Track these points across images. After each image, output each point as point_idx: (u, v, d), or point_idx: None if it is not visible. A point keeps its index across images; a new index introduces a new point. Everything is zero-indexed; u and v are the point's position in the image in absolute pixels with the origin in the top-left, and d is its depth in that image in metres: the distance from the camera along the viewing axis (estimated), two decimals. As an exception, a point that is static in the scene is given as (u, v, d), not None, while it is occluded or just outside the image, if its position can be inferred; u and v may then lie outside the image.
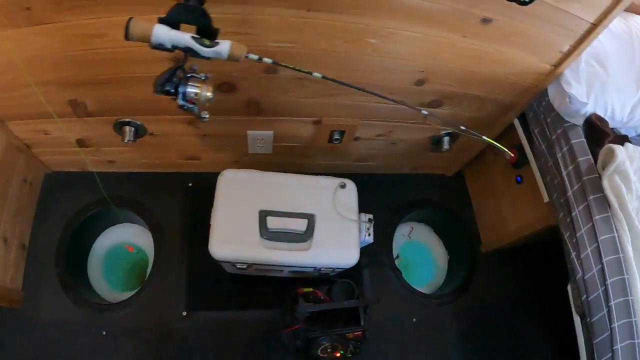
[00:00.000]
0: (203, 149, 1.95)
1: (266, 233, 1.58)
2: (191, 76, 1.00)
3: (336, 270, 1.67)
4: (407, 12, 1.27)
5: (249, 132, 1.80)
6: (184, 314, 1.91)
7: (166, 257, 2.00)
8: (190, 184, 2.13)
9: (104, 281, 2.13)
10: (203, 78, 1.01)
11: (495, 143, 1.66)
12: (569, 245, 1.45)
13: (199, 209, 1.96)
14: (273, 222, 1.59)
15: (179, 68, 1.01)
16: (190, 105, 1.01)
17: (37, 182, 2.10)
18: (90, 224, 2.08)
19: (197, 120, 1.63)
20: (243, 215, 1.59)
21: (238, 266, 1.62)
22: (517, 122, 1.86)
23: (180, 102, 1.00)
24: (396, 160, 2.16)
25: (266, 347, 1.91)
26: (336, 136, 1.81)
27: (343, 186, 1.71)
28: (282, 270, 1.71)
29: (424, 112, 1.37)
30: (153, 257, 2.02)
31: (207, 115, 1.08)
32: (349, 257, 1.63)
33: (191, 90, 0.99)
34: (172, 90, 0.99)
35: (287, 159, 2.01)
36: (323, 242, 1.60)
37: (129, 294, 2.01)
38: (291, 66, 1.10)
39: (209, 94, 1.01)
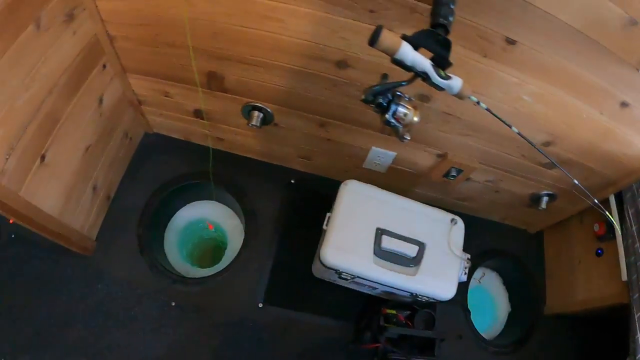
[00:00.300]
0: (319, 151, 1.96)
1: (379, 251, 1.60)
2: (401, 95, 1.04)
3: (431, 300, 1.68)
4: (561, 78, 1.34)
5: (373, 147, 1.82)
6: (260, 305, 1.92)
7: (254, 245, 2.01)
8: (292, 181, 2.14)
9: (178, 252, 2.13)
10: (408, 99, 1.05)
11: (606, 212, 1.69)
12: (637, 325, 1.49)
13: (297, 207, 1.99)
14: (387, 242, 1.61)
15: (398, 85, 1.03)
16: (397, 124, 1.05)
17: (136, 138, 2.11)
18: (181, 193, 2.08)
19: (328, 123, 1.68)
20: (360, 228, 1.62)
21: (342, 276, 1.62)
22: (612, 198, 1.89)
23: (389, 118, 1.04)
24: (492, 207, 2.19)
25: (332, 357, 1.91)
26: (453, 173, 1.84)
27: (454, 222, 1.72)
28: (376, 288, 1.72)
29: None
30: (241, 242, 2.03)
31: (409, 138, 1.09)
32: (447, 290, 1.66)
33: (402, 110, 1.03)
34: (384, 105, 1.02)
35: (394, 182, 2.03)
36: (428, 271, 1.63)
37: (201, 270, 2.00)
38: (498, 116, 1.11)
39: (415, 119, 1.05)
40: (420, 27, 0.94)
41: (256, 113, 1.76)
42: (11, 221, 1.59)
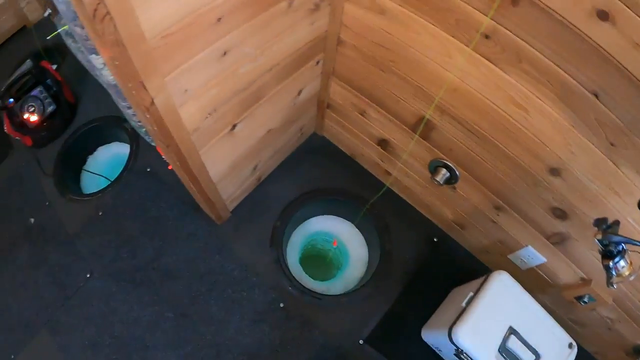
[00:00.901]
0: (477, 227, 1.85)
1: (504, 349, 1.52)
2: (626, 250, 1.07)
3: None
4: None
5: (529, 246, 1.69)
6: (361, 342, 1.84)
7: (378, 284, 1.94)
8: (435, 239, 2.04)
9: (297, 254, 2.12)
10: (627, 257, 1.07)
11: None
12: None
13: (430, 266, 1.91)
14: (513, 343, 1.52)
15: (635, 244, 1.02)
16: (612, 272, 1.07)
17: (305, 135, 2.09)
18: (326, 203, 2.08)
19: (503, 209, 1.61)
20: (496, 320, 1.55)
21: (461, 356, 1.56)
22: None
23: (611, 265, 1.07)
24: (594, 338, 2.00)
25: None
26: (585, 299, 1.68)
27: (571, 347, 1.60)
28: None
29: None
30: (361, 272, 2.02)
31: (616, 287, 1.09)
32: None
33: (623, 264, 1.06)
34: (614, 252, 1.06)
35: (525, 280, 1.87)
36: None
37: (311, 281, 1.97)
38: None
39: (628, 274, 1.07)
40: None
41: (443, 171, 1.69)
42: (170, 167, 1.63)
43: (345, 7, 1.48)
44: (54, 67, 2.46)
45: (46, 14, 2.94)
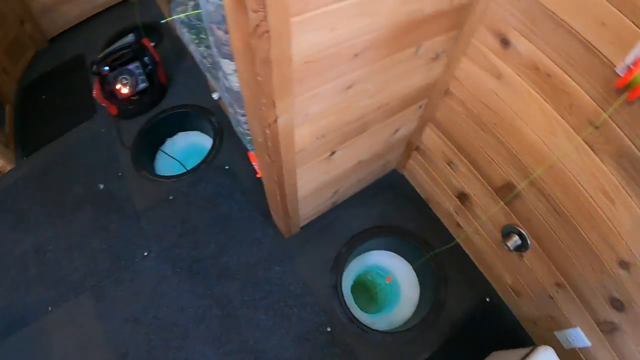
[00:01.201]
0: (532, 297, 1.83)
1: None
2: None
3: None
4: None
5: (578, 328, 1.66)
6: None
7: (424, 331, 1.93)
8: (488, 299, 2.03)
9: (350, 281, 2.13)
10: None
11: None
12: None
13: (477, 325, 1.90)
14: None
15: None
16: None
17: (386, 169, 2.14)
18: (392, 241, 2.09)
19: (563, 287, 1.60)
20: None
21: None
22: None
23: None
24: None
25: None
26: None
27: None
28: None
29: None
30: (408, 313, 2.03)
31: None
32: None
33: None
34: None
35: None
36: None
37: (359, 311, 1.98)
38: None
39: None
40: None
41: (516, 238, 1.69)
42: (258, 175, 1.68)
43: (462, 62, 1.51)
44: (153, 45, 2.53)
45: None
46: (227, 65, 1.29)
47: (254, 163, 1.76)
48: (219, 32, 1.20)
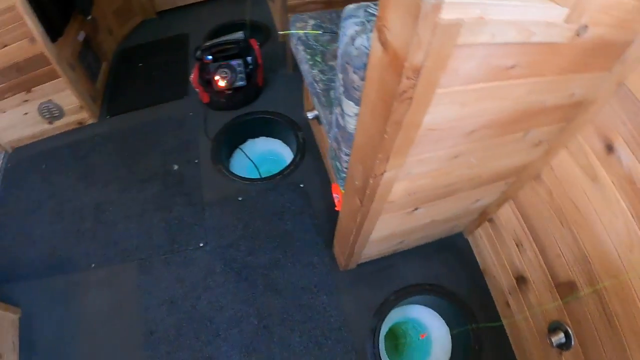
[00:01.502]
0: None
1: None
2: None
3: None
4: None
5: None
6: None
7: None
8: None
9: (385, 328, 2.14)
10: None
11: None
12: None
13: None
14: None
15: None
16: None
17: (453, 231, 2.14)
18: (434, 300, 2.06)
19: None
20: None
21: None
22: None
23: None
24: None
25: None
26: None
27: None
28: None
29: None
30: None
31: None
32: None
33: None
34: None
35: None
36: None
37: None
38: None
39: None
40: None
41: (561, 335, 1.65)
42: (337, 208, 1.71)
43: (561, 153, 1.50)
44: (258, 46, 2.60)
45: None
46: (350, 108, 1.33)
47: (335, 195, 1.79)
48: (354, 76, 1.23)
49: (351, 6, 1.26)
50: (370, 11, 1.23)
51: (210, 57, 2.48)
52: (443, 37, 0.74)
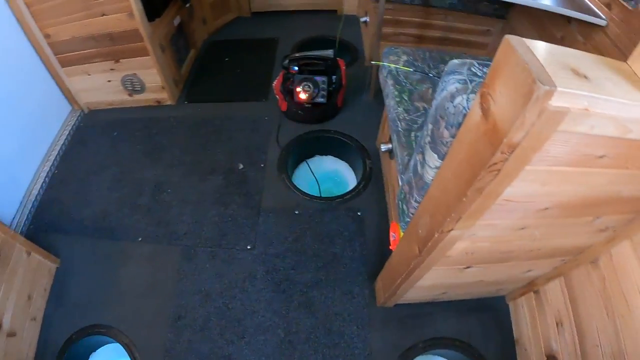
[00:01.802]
0: None
1: None
2: None
3: None
4: None
5: None
6: None
7: None
8: None
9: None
10: None
11: None
12: None
13: None
14: None
15: None
16: None
17: (495, 294, 2.11)
18: (461, 357, 2.04)
19: None
20: None
21: None
22: None
23: None
24: None
25: None
26: None
27: None
28: None
29: None
30: None
31: None
32: None
33: None
34: None
35: None
36: None
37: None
38: None
39: None
40: None
41: None
42: (392, 247, 1.72)
43: (624, 243, 1.45)
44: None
45: (362, 19, 3.17)
46: (432, 160, 1.34)
47: (392, 234, 1.80)
48: (446, 131, 1.25)
49: (455, 61, 1.28)
50: (474, 70, 1.23)
51: (296, 67, 2.54)
52: (547, 122, 0.75)
